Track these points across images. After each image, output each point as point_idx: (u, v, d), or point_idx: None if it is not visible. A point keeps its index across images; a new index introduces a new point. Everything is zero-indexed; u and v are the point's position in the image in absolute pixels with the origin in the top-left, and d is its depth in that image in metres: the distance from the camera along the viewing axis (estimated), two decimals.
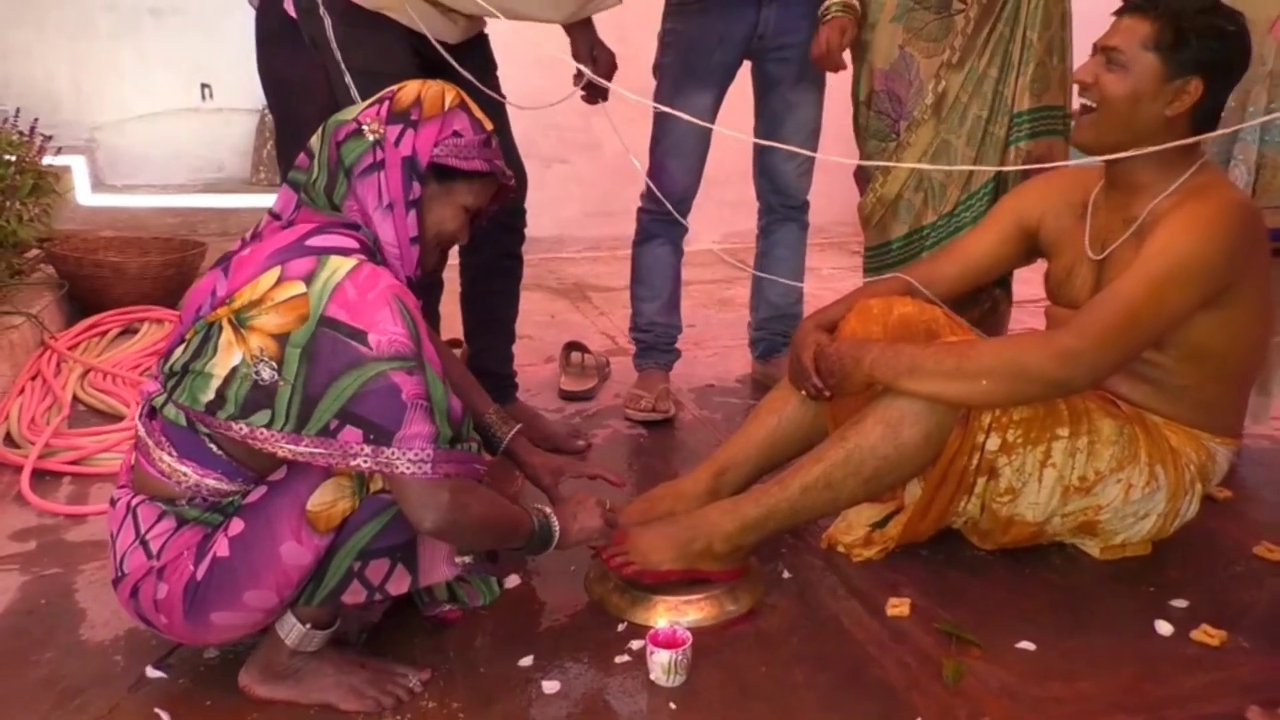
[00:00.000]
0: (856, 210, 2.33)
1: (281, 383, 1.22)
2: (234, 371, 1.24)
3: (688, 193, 2.44)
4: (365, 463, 1.23)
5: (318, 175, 1.36)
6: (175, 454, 1.30)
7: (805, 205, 2.58)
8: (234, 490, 1.31)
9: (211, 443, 1.29)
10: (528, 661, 1.47)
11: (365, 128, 1.35)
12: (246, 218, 1.21)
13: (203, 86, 4.60)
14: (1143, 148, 1.62)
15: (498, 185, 1.46)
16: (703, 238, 4.13)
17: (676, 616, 1.57)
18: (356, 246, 1.30)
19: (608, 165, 4.12)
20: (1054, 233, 1.83)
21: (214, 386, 1.24)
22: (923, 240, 2.17)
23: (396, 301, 1.24)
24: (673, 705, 1.39)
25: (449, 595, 1.53)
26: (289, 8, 2.04)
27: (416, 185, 1.35)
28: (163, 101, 4.55)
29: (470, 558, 1.40)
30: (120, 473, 1.42)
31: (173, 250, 3.28)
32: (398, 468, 1.23)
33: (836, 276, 3.86)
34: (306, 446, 1.24)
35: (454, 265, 2.24)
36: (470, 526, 1.31)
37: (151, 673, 1.43)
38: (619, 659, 1.49)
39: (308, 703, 1.36)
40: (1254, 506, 2.03)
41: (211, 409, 1.25)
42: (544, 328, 3.21)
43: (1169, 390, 1.70)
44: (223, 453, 1.30)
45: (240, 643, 1.41)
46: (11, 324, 2.59)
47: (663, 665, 1.41)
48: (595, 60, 2.10)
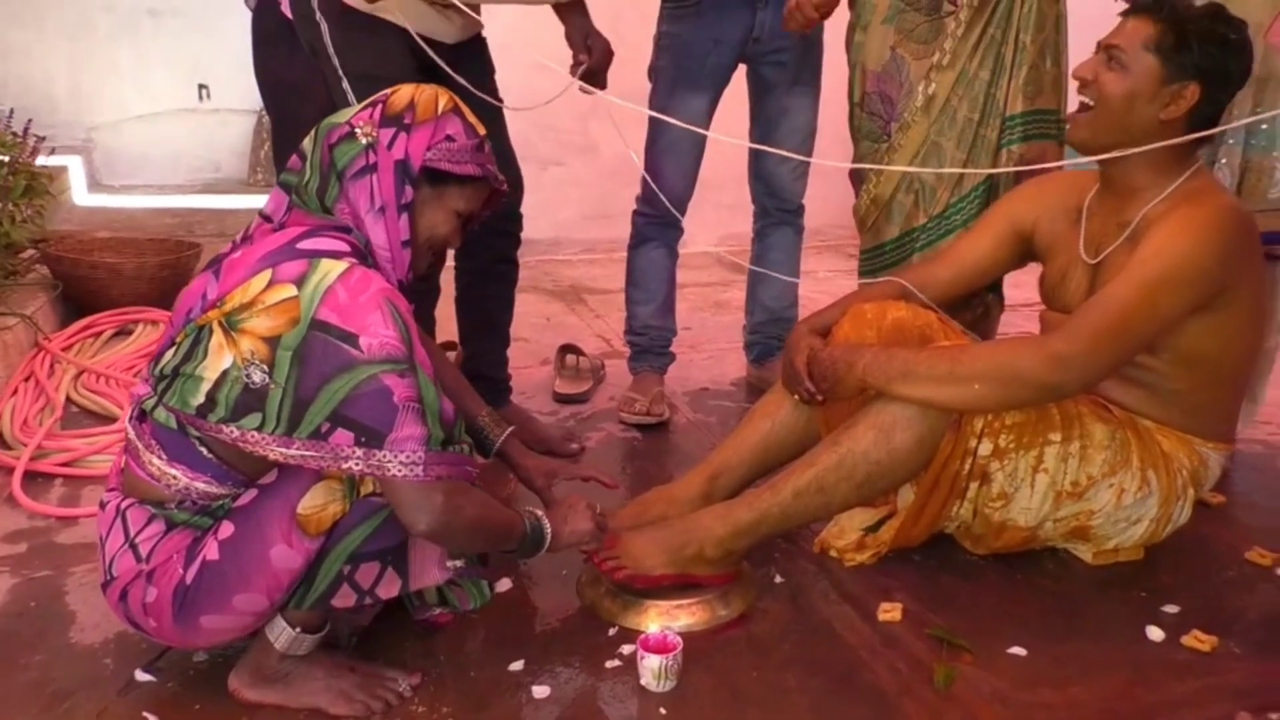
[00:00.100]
0: (852, 213, 2.33)
1: (272, 386, 1.22)
2: (225, 374, 1.23)
3: (683, 196, 2.44)
4: (357, 465, 1.23)
5: (310, 178, 1.36)
6: (165, 457, 1.30)
7: (800, 209, 2.58)
8: (224, 493, 1.31)
9: (202, 446, 1.29)
10: (518, 666, 1.47)
11: (358, 131, 1.35)
12: (244, 218, 1.22)
13: (200, 87, 4.60)
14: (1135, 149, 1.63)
15: (490, 190, 1.46)
16: (699, 240, 4.14)
17: (668, 621, 1.56)
18: (348, 250, 1.30)
19: (604, 168, 4.13)
20: (1048, 237, 1.83)
21: (204, 390, 1.24)
22: (913, 242, 2.17)
23: (388, 304, 1.24)
24: (663, 710, 1.39)
25: (439, 599, 1.52)
26: (286, 9, 2.03)
27: (409, 189, 1.35)
28: (160, 102, 4.55)
29: (461, 561, 1.40)
30: (110, 476, 1.41)
31: (168, 251, 3.28)
32: (390, 470, 1.23)
33: (833, 279, 3.85)
34: (298, 449, 1.23)
35: (450, 269, 2.25)
36: (463, 529, 1.31)
37: (140, 676, 1.42)
38: (610, 664, 1.48)
39: (297, 706, 1.36)
40: (1247, 511, 2.03)
41: (202, 412, 1.25)
42: (539, 330, 3.20)
43: (1161, 395, 1.70)
44: (213, 456, 1.29)
45: (230, 646, 1.40)
46: (5, 325, 2.59)
47: (653, 670, 1.41)
48: (590, 49, 2.07)
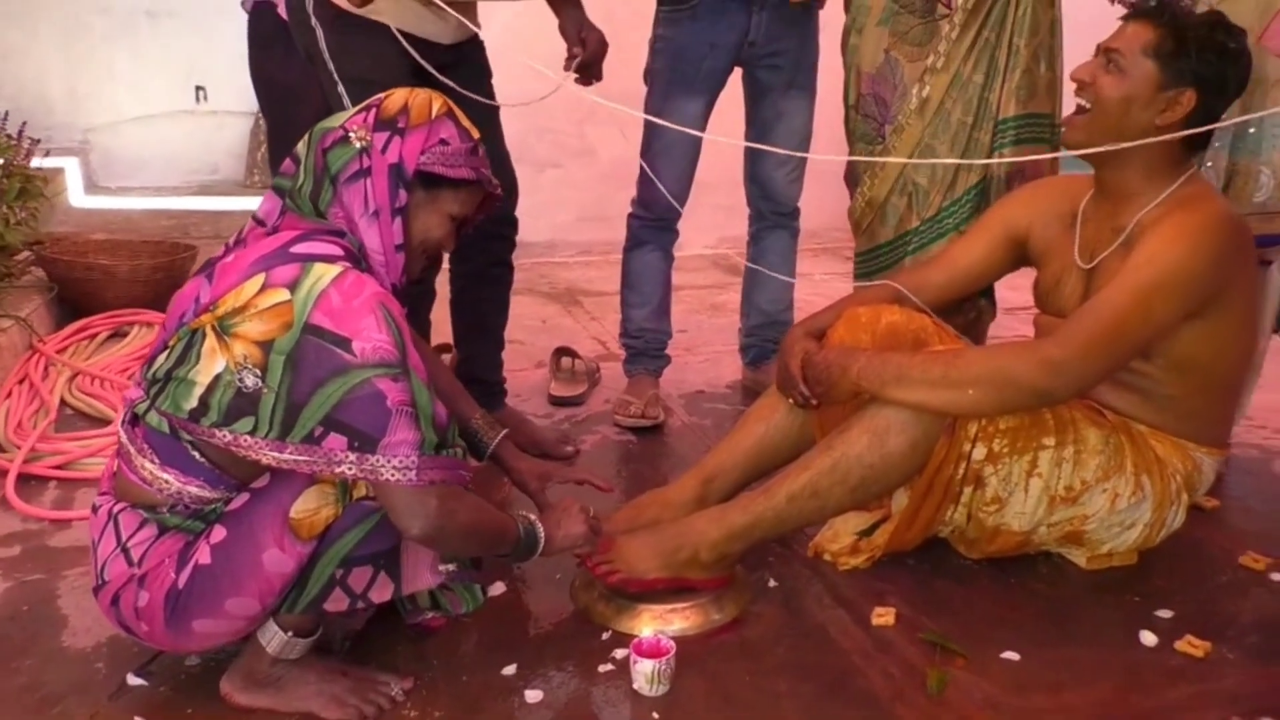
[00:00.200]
0: (847, 215, 2.33)
1: (265, 390, 1.22)
2: (217, 379, 1.23)
3: (679, 199, 2.44)
4: (350, 470, 1.23)
5: (303, 181, 1.35)
6: (157, 461, 1.29)
7: (795, 212, 2.58)
8: (216, 498, 1.31)
9: (194, 450, 1.29)
10: (511, 670, 1.47)
11: (352, 135, 1.35)
12: (240, 220, 1.22)
13: (197, 89, 4.59)
14: (1130, 154, 1.63)
15: (484, 194, 1.46)
16: (695, 243, 4.15)
17: (661, 625, 1.56)
18: (341, 254, 1.30)
19: (601, 170, 4.13)
20: (1043, 242, 1.84)
21: (197, 394, 1.24)
22: (905, 245, 2.17)
23: (381, 308, 1.24)
24: (656, 715, 1.38)
25: (432, 603, 1.51)
26: (283, 11, 2.03)
27: (403, 192, 1.35)
28: (157, 104, 4.54)
29: (454, 565, 1.39)
30: (102, 479, 1.41)
31: (163, 253, 3.27)
32: (383, 475, 1.23)
33: (829, 282, 3.85)
34: (290, 454, 1.23)
35: (445, 271, 2.25)
36: (457, 533, 1.31)
37: (132, 680, 1.42)
38: (603, 668, 1.48)
39: (289, 711, 1.36)
40: (1241, 516, 2.03)
41: (194, 416, 1.24)
42: (535, 332, 3.20)
43: (1155, 400, 1.70)
44: (205, 460, 1.29)
45: (222, 650, 1.40)
46: (0, 327, 2.58)
47: (646, 675, 1.41)
48: (584, 41, 2.07)
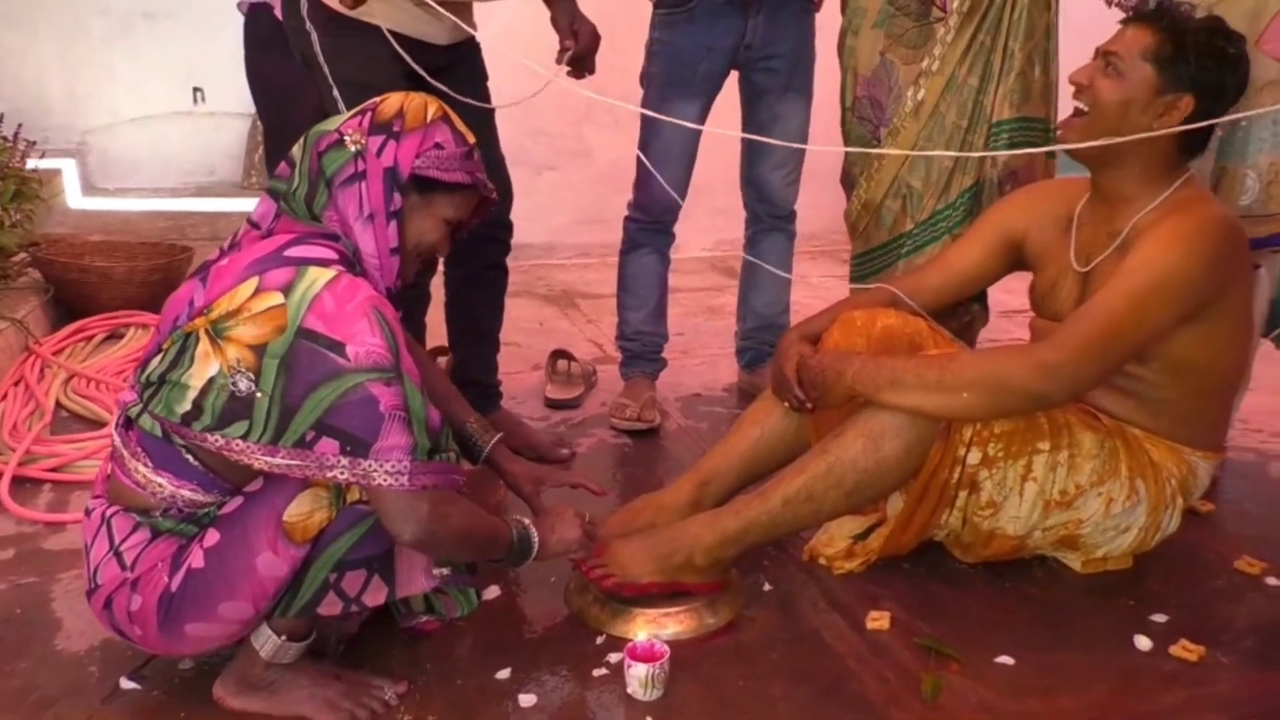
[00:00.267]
0: (843, 218, 2.34)
1: (259, 394, 1.22)
2: (211, 382, 1.23)
3: (675, 201, 2.44)
4: (342, 475, 1.23)
5: (298, 185, 1.35)
6: (151, 465, 1.29)
7: (792, 215, 2.58)
8: (210, 501, 1.31)
9: (188, 454, 1.29)
10: (505, 674, 1.47)
11: (347, 138, 1.34)
12: (238, 222, 1.22)
13: (195, 90, 4.59)
14: (1126, 158, 1.64)
15: (479, 198, 1.46)
16: (692, 246, 4.15)
17: (656, 629, 1.56)
18: (335, 257, 1.30)
19: (598, 172, 4.14)
20: (1039, 245, 1.84)
21: (190, 397, 1.24)
22: (900, 248, 2.17)
23: (375, 313, 1.24)
24: (650, 719, 1.38)
25: (426, 606, 1.52)
26: (279, 13, 2.03)
27: (397, 196, 1.34)
28: (155, 105, 4.54)
29: (448, 569, 1.39)
30: (96, 482, 1.41)
31: (159, 255, 3.27)
32: (375, 480, 1.23)
33: (826, 285, 3.86)
34: (283, 458, 1.23)
35: (440, 274, 2.24)
36: (449, 538, 1.31)
37: (125, 684, 1.42)
38: (597, 672, 1.48)
39: (282, 715, 1.35)
40: (1236, 520, 2.03)
41: (187, 420, 1.24)
42: (532, 335, 3.20)
43: (1150, 404, 1.70)
44: (199, 464, 1.29)
45: (216, 654, 1.40)
46: None
47: (640, 679, 1.41)
48: (575, 33, 2.05)
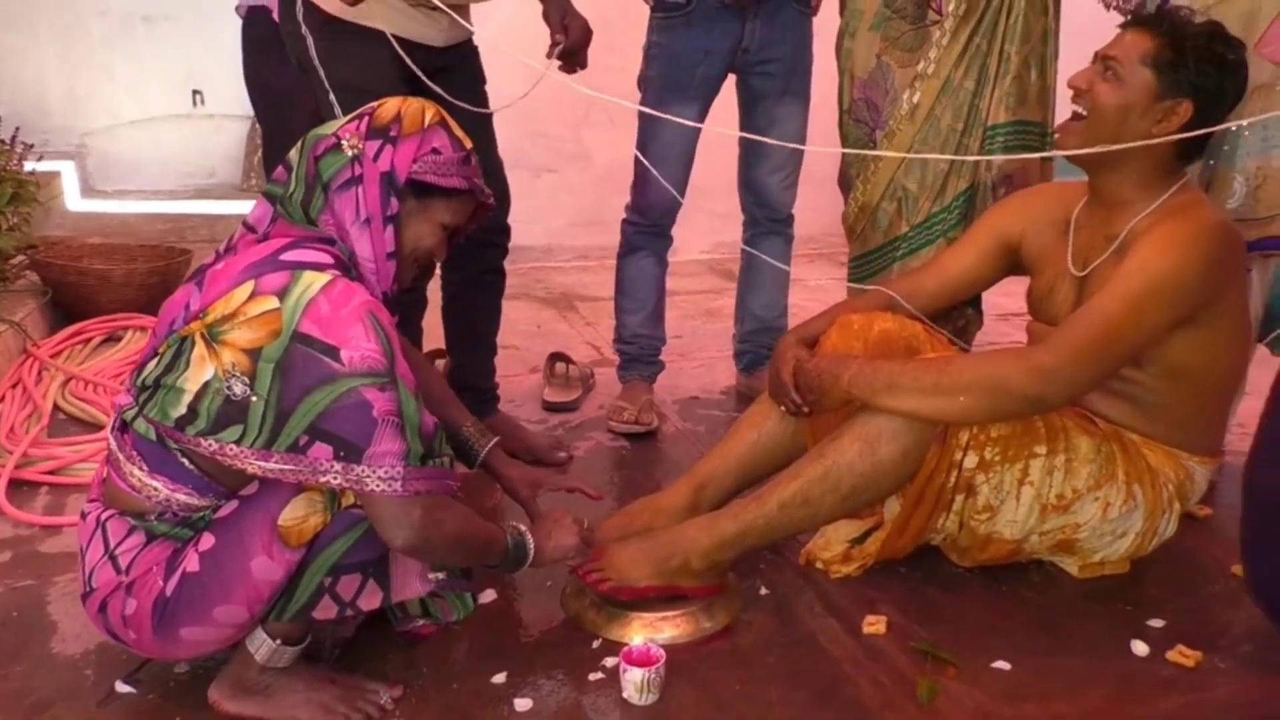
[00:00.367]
0: (841, 220, 2.34)
1: (254, 398, 1.22)
2: (206, 386, 1.23)
3: (673, 205, 2.44)
4: (335, 480, 1.23)
5: (295, 189, 1.35)
6: (146, 468, 1.29)
7: (789, 218, 2.58)
8: (205, 505, 1.31)
9: (183, 457, 1.29)
10: (501, 678, 1.47)
11: (344, 143, 1.34)
12: (236, 224, 1.22)
13: (194, 93, 4.60)
14: (1124, 162, 1.64)
15: (476, 203, 1.46)
16: (691, 248, 4.15)
17: (652, 633, 1.56)
18: (331, 262, 1.30)
19: (596, 175, 4.14)
20: (1036, 249, 1.84)
21: (186, 401, 1.24)
22: (895, 250, 2.17)
23: (370, 317, 1.24)
24: None
25: (422, 610, 1.51)
26: (277, 16, 2.03)
27: (394, 201, 1.34)
28: (154, 107, 4.55)
29: (443, 573, 1.39)
30: (91, 486, 1.41)
31: (158, 257, 3.27)
32: (368, 485, 1.22)
33: (824, 288, 3.86)
34: (276, 463, 1.23)
35: (438, 278, 2.24)
36: (443, 544, 1.31)
37: (121, 687, 1.42)
38: (593, 676, 1.48)
39: (277, 719, 1.35)
40: (1234, 525, 1.97)
41: (182, 424, 1.24)
42: (530, 337, 3.20)
43: (1147, 408, 1.70)
44: (194, 468, 1.29)
45: (211, 658, 1.40)
46: None
47: (635, 684, 1.40)
48: (567, 28, 2.03)
